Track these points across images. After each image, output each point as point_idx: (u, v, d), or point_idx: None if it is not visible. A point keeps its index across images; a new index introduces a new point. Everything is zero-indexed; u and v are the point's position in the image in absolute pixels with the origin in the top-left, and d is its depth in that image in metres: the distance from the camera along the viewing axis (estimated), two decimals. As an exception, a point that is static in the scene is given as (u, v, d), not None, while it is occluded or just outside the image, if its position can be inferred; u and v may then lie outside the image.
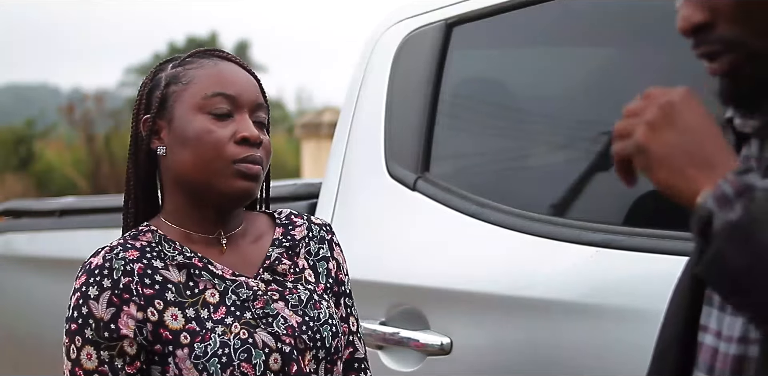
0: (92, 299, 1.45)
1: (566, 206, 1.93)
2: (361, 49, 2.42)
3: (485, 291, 1.86)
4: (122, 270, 1.46)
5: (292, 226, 1.63)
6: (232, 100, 1.51)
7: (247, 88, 1.54)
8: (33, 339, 3.35)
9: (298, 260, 1.59)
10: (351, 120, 2.35)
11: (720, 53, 1.03)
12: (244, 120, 1.51)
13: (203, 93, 1.51)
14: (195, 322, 1.46)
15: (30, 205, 3.99)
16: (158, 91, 1.55)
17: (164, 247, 1.52)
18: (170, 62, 1.59)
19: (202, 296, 1.49)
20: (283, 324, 1.49)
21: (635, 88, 1.89)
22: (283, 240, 1.60)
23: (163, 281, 1.48)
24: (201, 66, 1.55)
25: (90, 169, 18.60)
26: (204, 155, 1.49)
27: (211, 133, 1.49)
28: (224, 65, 1.56)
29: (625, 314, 1.61)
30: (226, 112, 1.51)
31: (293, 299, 1.53)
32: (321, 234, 1.64)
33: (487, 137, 2.21)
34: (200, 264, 1.51)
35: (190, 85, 1.53)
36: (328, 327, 1.53)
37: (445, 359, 1.90)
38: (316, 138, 11.73)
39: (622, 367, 1.56)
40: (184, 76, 1.54)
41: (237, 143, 1.49)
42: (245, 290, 1.51)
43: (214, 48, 1.61)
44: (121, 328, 1.44)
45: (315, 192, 2.41)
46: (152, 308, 1.46)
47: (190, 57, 1.58)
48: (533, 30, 2.11)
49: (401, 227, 2.14)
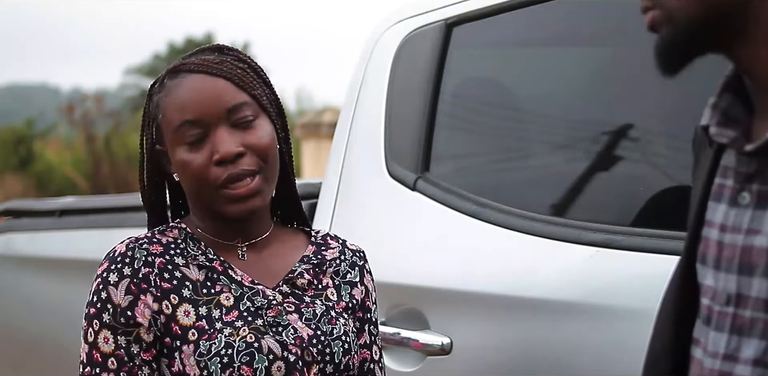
0: (112, 284, 1.47)
1: (566, 206, 1.93)
2: (361, 49, 2.42)
3: (485, 291, 1.86)
4: (143, 260, 1.48)
5: (326, 247, 1.63)
6: (198, 123, 1.49)
7: (212, 99, 1.48)
8: (33, 339, 3.35)
9: (323, 277, 1.59)
10: (351, 120, 2.35)
11: (648, 9, 1.05)
12: (217, 137, 1.48)
13: (172, 126, 1.51)
14: (205, 320, 1.47)
15: (30, 205, 3.99)
16: (154, 122, 1.55)
17: (189, 245, 1.53)
18: (156, 83, 1.57)
19: (217, 298, 1.49)
20: (293, 335, 1.49)
21: (635, 88, 1.90)
22: (312, 258, 1.60)
23: (182, 278, 1.49)
24: (168, 93, 1.52)
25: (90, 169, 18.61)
26: (192, 186, 1.51)
27: (189, 164, 1.49)
28: (186, 83, 1.50)
29: (625, 314, 1.61)
30: (196, 138, 1.49)
31: (308, 313, 1.53)
32: (353, 259, 1.64)
33: (487, 137, 2.21)
34: (221, 268, 1.52)
35: (164, 118, 1.52)
36: (340, 343, 1.52)
37: (445, 359, 1.90)
38: (316, 138, 11.74)
39: (621, 367, 1.55)
40: (159, 106, 1.53)
41: (217, 166, 1.48)
42: (261, 298, 1.51)
43: (189, 54, 1.57)
44: (137, 316, 1.46)
45: (315, 192, 2.41)
46: (167, 302, 1.47)
47: (164, 77, 1.55)
48: (533, 30, 2.11)
49: (401, 227, 2.14)
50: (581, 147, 1.97)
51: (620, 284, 1.67)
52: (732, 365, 1.00)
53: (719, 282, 1.03)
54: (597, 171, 1.91)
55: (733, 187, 1.03)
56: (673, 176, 1.77)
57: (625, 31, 1.91)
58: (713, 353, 1.03)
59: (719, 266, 1.03)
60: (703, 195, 1.09)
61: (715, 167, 1.08)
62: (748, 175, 1.01)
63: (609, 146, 1.90)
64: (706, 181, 1.08)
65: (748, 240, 0.99)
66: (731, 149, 1.05)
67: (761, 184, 1.00)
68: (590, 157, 1.93)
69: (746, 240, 1.00)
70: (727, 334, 1.01)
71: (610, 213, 1.85)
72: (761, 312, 0.98)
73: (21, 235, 3.68)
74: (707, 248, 1.06)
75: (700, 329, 1.06)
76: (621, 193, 1.87)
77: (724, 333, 1.01)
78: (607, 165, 1.91)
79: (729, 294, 1.01)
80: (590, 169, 1.91)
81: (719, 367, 1.01)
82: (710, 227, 1.06)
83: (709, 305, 1.05)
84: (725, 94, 1.06)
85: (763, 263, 0.97)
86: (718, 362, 1.02)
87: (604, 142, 1.92)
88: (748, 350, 0.99)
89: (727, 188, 1.05)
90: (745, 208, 1.01)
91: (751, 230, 0.99)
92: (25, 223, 3.78)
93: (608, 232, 1.71)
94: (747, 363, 0.99)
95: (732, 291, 1.01)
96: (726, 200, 1.04)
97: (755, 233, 0.99)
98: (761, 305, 0.97)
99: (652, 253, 1.61)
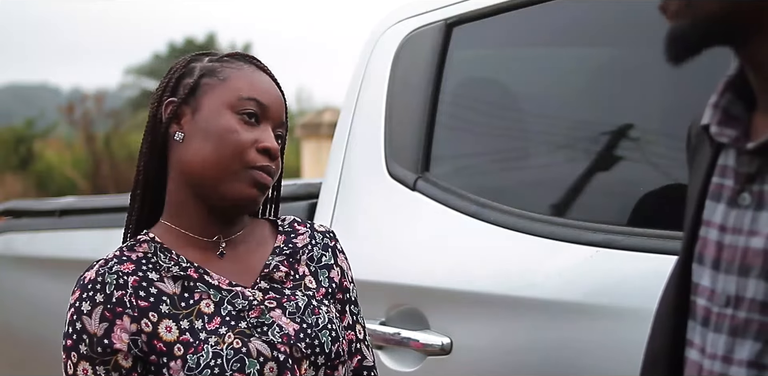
0: (85, 314, 1.44)
1: (566, 206, 1.93)
2: (361, 49, 2.42)
3: (485, 291, 1.86)
4: (115, 284, 1.46)
5: (295, 234, 1.62)
6: (263, 108, 1.52)
7: (277, 102, 1.55)
8: (33, 339, 3.35)
9: (299, 266, 1.58)
10: (351, 120, 2.35)
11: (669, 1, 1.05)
12: (268, 131, 1.52)
13: (239, 93, 1.51)
14: (189, 333, 1.45)
15: (30, 205, 4.00)
16: (190, 79, 1.54)
17: (160, 257, 1.50)
18: (206, 56, 1.59)
19: (197, 307, 1.47)
20: (279, 333, 1.48)
21: (635, 88, 1.90)
22: (284, 248, 1.58)
23: (158, 293, 1.47)
24: (240, 68, 1.55)
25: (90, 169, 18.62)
26: (222, 153, 1.48)
27: (236, 133, 1.49)
28: (260, 75, 1.57)
29: (625, 313, 1.61)
30: (254, 116, 1.51)
31: (291, 307, 1.52)
32: (324, 241, 1.63)
33: (487, 137, 2.21)
34: (196, 275, 1.50)
35: (226, 82, 1.52)
36: (327, 332, 1.51)
37: (445, 359, 1.90)
38: (316, 138, 11.74)
39: (621, 367, 1.55)
40: (222, 72, 1.54)
41: (258, 151, 1.49)
42: (241, 300, 1.49)
43: (253, 56, 1.62)
44: (115, 342, 1.43)
45: (315, 192, 2.41)
46: (146, 320, 1.45)
47: (228, 57, 1.58)
48: (533, 30, 2.11)
49: (401, 227, 2.14)
50: (581, 147, 1.97)
51: (620, 284, 1.67)
52: (728, 366, 1.00)
53: (718, 283, 1.03)
54: (597, 171, 1.91)
55: (733, 187, 1.03)
56: (673, 176, 1.77)
57: (625, 31, 1.91)
58: (712, 355, 1.02)
59: (718, 267, 1.03)
60: (701, 194, 1.08)
61: (713, 166, 1.08)
62: (749, 175, 1.01)
63: (609, 146, 1.90)
64: (704, 180, 1.08)
65: (748, 242, 0.99)
66: (731, 149, 1.05)
67: (762, 185, 1.00)
68: (590, 157, 1.93)
69: (747, 242, 0.99)
70: (725, 335, 1.01)
71: (610, 213, 1.85)
72: (756, 313, 0.97)
73: (21, 235, 3.68)
74: (705, 247, 1.06)
75: (696, 330, 1.06)
76: (621, 193, 1.87)
77: (723, 334, 1.01)
78: (607, 165, 1.91)
79: (728, 296, 1.01)
80: (590, 170, 1.91)
81: (719, 369, 1.01)
82: (708, 227, 1.06)
83: (706, 306, 1.04)
84: (726, 93, 1.06)
85: (758, 265, 0.97)
86: (717, 364, 1.01)
87: (604, 142, 1.91)
88: (742, 352, 0.99)
89: (727, 188, 1.04)
90: (746, 209, 1.01)
91: (752, 232, 0.99)
92: (25, 223, 3.78)
93: (608, 232, 1.71)
94: (741, 365, 0.99)
95: (731, 293, 1.00)
96: (725, 200, 1.04)
97: (755, 235, 0.99)
98: (756, 306, 0.97)
99: (652, 253, 1.61)
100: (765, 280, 0.96)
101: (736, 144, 1.03)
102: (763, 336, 0.97)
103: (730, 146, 1.05)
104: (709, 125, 1.07)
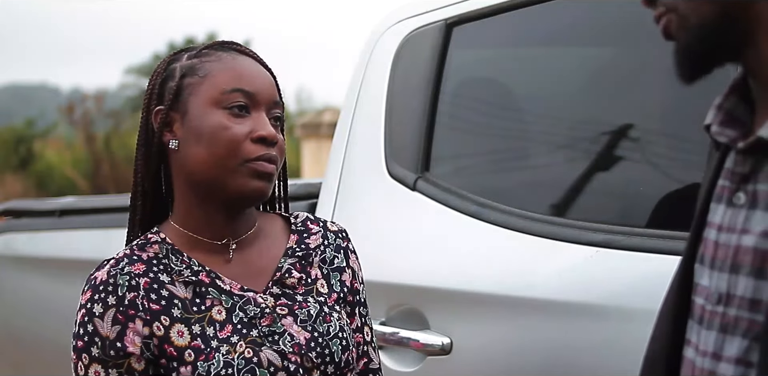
0: (97, 316, 1.42)
1: (566, 206, 1.93)
2: (361, 49, 2.42)
3: (485, 291, 1.86)
4: (127, 285, 1.43)
5: (308, 233, 1.59)
6: (250, 96, 1.47)
7: (265, 84, 1.50)
8: (33, 339, 3.35)
9: (311, 269, 1.55)
10: (351, 120, 2.35)
11: (661, 15, 1.06)
12: (261, 118, 1.47)
13: (221, 88, 1.47)
14: (200, 339, 1.43)
15: (30, 205, 3.99)
16: (172, 83, 1.50)
17: (171, 260, 1.48)
18: (185, 52, 1.55)
19: (209, 313, 1.45)
20: (290, 342, 1.46)
21: (635, 88, 1.90)
22: (296, 249, 1.56)
23: (170, 296, 1.45)
24: (219, 59, 1.50)
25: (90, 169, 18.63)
26: (218, 152, 1.44)
27: (227, 129, 1.45)
28: (242, 60, 1.51)
29: (625, 314, 1.61)
30: (243, 108, 1.47)
31: (302, 314, 1.49)
32: (337, 242, 1.61)
33: (487, 137, 2.21)
34: (207, 280, 1.47)
35: (207, 79, 1.48)
36: (338, 341, 1.49)
37: (445, 359, 1.90)
38: (316, 138, 11.74)
39: (621, 367, 1.55)
40: (201, 68, 1.49)
41: (253, 142, 1.45)
42: (253, 306, 1.47)
43: (232, 41, 1.56)
44: (128, 345, 1.41)
45: (315, 192, 2.41)
46: (158, 323, 1.43)
47: (206, 49, 1.53)
48: (533, 30, 2.11)
49: (401, 227, 2.14)
50: (581, 147, 1.97)
51: (620, 284, 1.67)
52: (716, 363, 1.01)
53: (713, 281, 1.04)
54: (597, 171, 1.91)
55: (729, 187, 1.04)
56: (674, 176, 1.77)
57: (625, 31, 1.91)
58: (704, 352, 1.03)
59: (714, 266, 1.04)
60: (707, 197, 1.09)
61: (719, 169, 1.09)
62: (744, 175, 1.02)
63: (609, 146, 1.90)
64: (711, 183, 1.09)
65: (740, 240, 1.00)
66: (733, 151, 1.06)
67: (755, 184, 1.01)
68: (590, 157, 1.93)
69: (738, 240, 1.00)
70: (716, 333, 1.02)
71: (610, 213, 1.85)
72: (745, 311, 0.98)
73: (21, 235, 3.68)
74: (706, 248, 1.07)
75: (693, 329, 1.07)
76: (621, 193, 1.87)
77: (714, 332, 1.02)
78: (607, 165, 1.90)
79: (720, 293, 1.02)
80: (590, 170, 1.91)
81: (708, 366, 1.02)
82: (710, 228, 1.07)
83: (702, 305, 1.05)
84: (731, 95, 1.07)
85: (748, 263, 0.98)
86: (707, 361, 1.02)
87: (604, 142, 1.91)
88: (731, 349, 1.00)
89: (726, 188, 1.05)
90: (740, 208, 1.02)
91: (744, 230, 1.00)
92: (25, 223, 3.78)
93: (608, 232, 1.71)
94: (730, 362, 1.00)
95: (723, 290, 1.02)
96: (724, 200, 1.05)
97: (747, 233, 0.99)
98: (746, 304, 0.98)
99: (652, 253, 1.61)
100: (754, 277, 0.98)
101: (734, 144, 1.04)
102: (750, 333, 0.98)
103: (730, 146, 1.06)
104: (711, 125, 1.07)
